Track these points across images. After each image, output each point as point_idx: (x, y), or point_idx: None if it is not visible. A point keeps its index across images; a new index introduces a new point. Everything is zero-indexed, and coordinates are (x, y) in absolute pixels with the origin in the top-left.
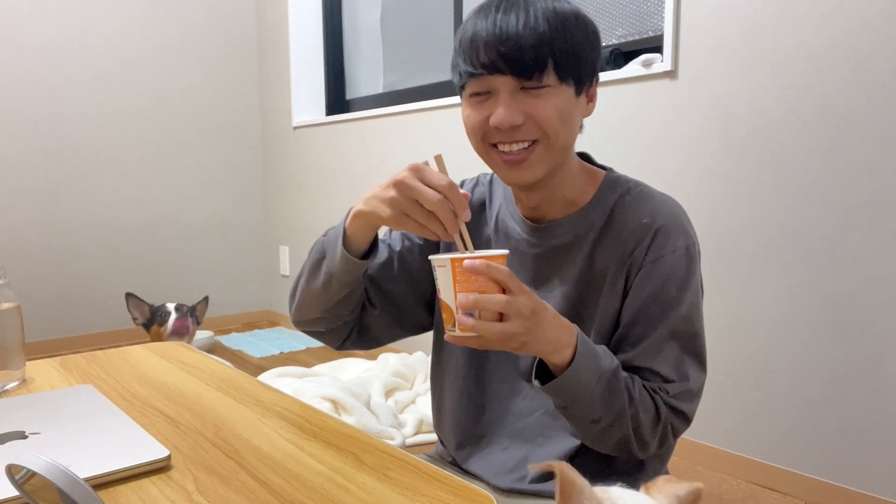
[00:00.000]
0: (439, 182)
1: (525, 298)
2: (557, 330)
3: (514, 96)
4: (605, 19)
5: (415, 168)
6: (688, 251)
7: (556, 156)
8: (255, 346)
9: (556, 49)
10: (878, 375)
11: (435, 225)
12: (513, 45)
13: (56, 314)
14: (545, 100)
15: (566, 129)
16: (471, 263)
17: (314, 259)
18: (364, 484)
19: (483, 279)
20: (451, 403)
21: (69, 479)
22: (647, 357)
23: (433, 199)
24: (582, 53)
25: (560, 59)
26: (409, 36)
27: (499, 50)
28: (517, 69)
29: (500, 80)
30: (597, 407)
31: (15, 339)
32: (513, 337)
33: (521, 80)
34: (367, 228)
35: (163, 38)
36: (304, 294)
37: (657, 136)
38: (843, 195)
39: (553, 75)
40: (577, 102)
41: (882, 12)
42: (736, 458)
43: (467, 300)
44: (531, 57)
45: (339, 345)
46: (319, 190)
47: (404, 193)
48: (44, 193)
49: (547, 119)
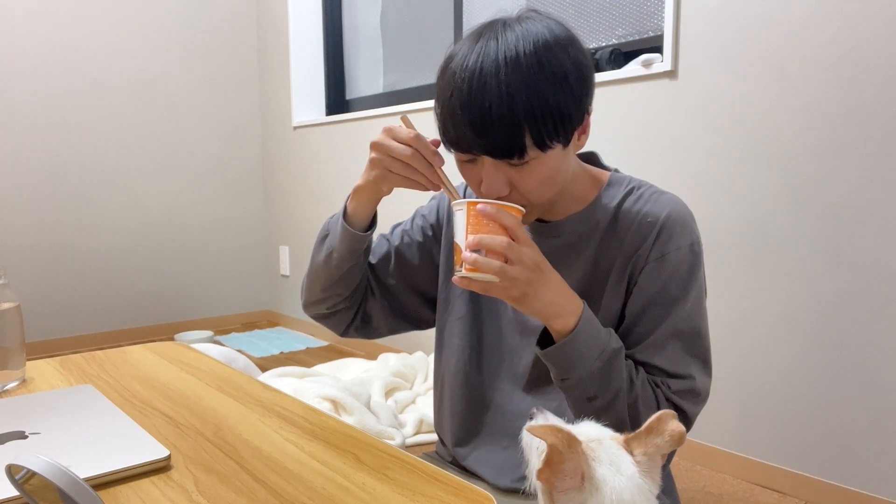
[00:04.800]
0: (407, 136)
1: (530, 250)
2: (562, 295)
3: (499, 168)
4: (605, 19)
5: (386, 129)
6: (692, 249)
7: (547, 206)
8: (255, 346)
9: (533, 127)
10: (878, 375)
11: (416, 175)
12: (488, 132)
13: (56, 314)
14: (530, 172)
15: (553, 189)
16: (483, 207)
17: (319, 238)
18: (364, 484)
19: (494, 224)
20: (451, 401)
21: (69, 479)
22: (650, 353)
23: (405, 151)
24: (564, 112)
25: (540, 133)
26: (409, 36)
27: (476, 136)
28: (496, 153)
29: (482, 156)
30: (594, 383)
31: (15, 339)
32: (513, 282)
33: (502, 160)
34: (366, 202)
35: (163, 38)
36: (308, 275)
37: (657, 136)
38: (843, 195)
39: (535, 149)
40: (567, 154)
41: (882, 12)
42: (736, 458)
43: (473, 239)
44: (507, 143)
45: (344, 330)
46: (319, 190)
47: (381, 151)
48: (44, 193)
49: (531, 191)
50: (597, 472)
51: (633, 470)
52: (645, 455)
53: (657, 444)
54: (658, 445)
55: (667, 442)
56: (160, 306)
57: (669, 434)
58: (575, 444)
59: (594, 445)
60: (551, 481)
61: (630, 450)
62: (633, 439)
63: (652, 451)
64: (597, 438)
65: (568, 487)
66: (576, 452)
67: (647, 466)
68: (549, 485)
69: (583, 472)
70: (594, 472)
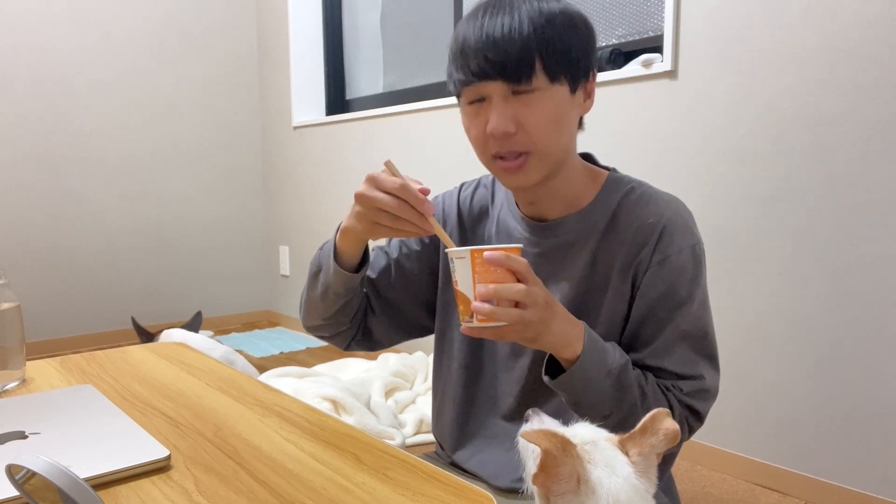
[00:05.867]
0: (392, 186)
1: (540, 289)
2: (568, 324)
3: (507, 101)
4: (605, 19)
5: (370, 178)
6: (694, 250)
7: (552, 162)
8: (255, 346)
9: (542, 50)
10: (878, 375)
11: (405, 224)
12: (499, 50)
13: (56, 314)
14: (536, 107)
15: (560, 136)
16: (491, 254)
17: (312, 272)
18: (364, 484)
19: (501, 270)
20: (451, 405)
21: (69, 479)
22: (658, 356)
23: (391, 203)
24: (572, 50)
25: (548, 59)
26: (409, 36)
27: (486, 56)
28: (505, 74)
29: (491, 86)
30: (607, 402)
31: (15, 339)
32: (528, 325)
33: (511, 85)
34: (354, 243)
35: (163, 38)
36: (307, 304)
37: (657, 136)
38: (843, 195)
39: (543, 77)
40: (573, 101)
41: (881, 12)
42: (736, 458)
43: (487, 290)
44: (518, 60)
45: (346, 346)
46: (319, 190)
47: (366, 205)
48: (44, 193)
49: (537, 129)
50: (592, 475)
51: (628, 471)
52: (640, 455)
53: (652, 443)
54: (653, 445)
55: (661, 441)
56: (160, 306)
57: (664, 433)
58: (569, 447)
59: (589, 448)
60: (547, 485)
61: (625, 450)
62: (628, 440)
63: (647, 450)
64: (591, 440)
65: (564, 491)
66: (570, 456)
67: (642, 467)
68: (545, 489)
69: (578, 476)
70: (590, 474)
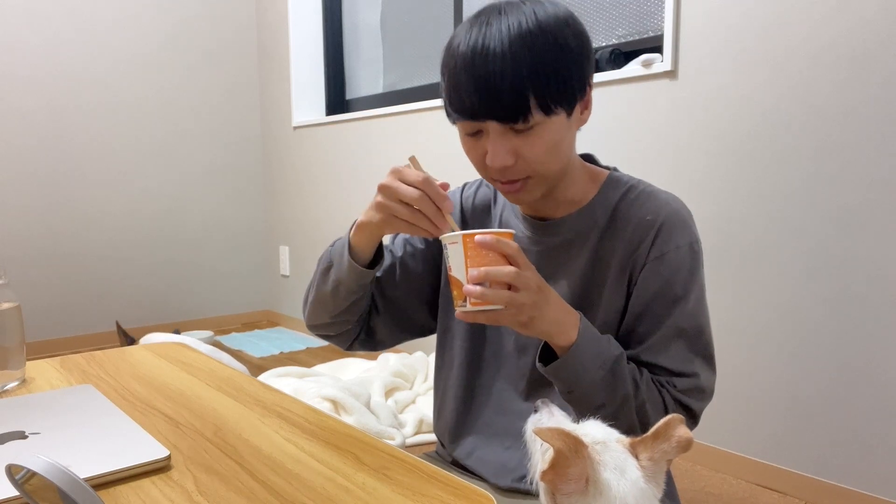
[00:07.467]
0: (416, 179)
1: (532, 273)
2: (562, 311)
3: (504, 136)
4: (605, 19)
5: (394, 170)
6: (691, 248)
7: (552, 180)
8: (255, 346)
9: (536, 90)
10: (877, 375)
11: (422, 221)
12: (492, 95)
13: (56, 314)
14: (535, 138)
15: (559, 159)
16: (482, 238)
17: (323, 268)
18: (364, 484)
19: (493, 254)
20: (453, 402)
21: (69, 479)
22: (654, 353)
23: (413, 194)
24: (566, 77)
25: (543, 97)
26: (409, 36)
27: (480, 98)
28: (501, 116)
29: (488, 124)
30: (600, 392)
31: (15, 339)
32: (521, 308)
33: (508, 124)
34: (369, 238)
35: (162, 38)
36: (314, 302)
37: (657, 136)
38: (843, 195)
39: (539, 113)
40: (570, 123)
41: (881, 12)
42: (736, 458)
43: (479, 272)
44: (512, 103)
45: (348, 346)
46: (319, 190)
47: (388, 195)
48: (44, 194)
49: (536, 159)
50: (601, 477)
51: (637, 475)
52: (651, 460)
53: (664, 449)
54: (665, 451)
55: (674, 448)
56: (160, 306)
57: (677, 440)
58: (582, 448)
59: (599, 448)
60: (555, 483)
61: (636, 454)
62: (640, 444)
63: (658, 456)
64: (602, 440)
65: (571, 491)
66: (581, 457)
67: (651, 471)
68: (553, 486)
69: (587, 476)
70: (599, 476)
